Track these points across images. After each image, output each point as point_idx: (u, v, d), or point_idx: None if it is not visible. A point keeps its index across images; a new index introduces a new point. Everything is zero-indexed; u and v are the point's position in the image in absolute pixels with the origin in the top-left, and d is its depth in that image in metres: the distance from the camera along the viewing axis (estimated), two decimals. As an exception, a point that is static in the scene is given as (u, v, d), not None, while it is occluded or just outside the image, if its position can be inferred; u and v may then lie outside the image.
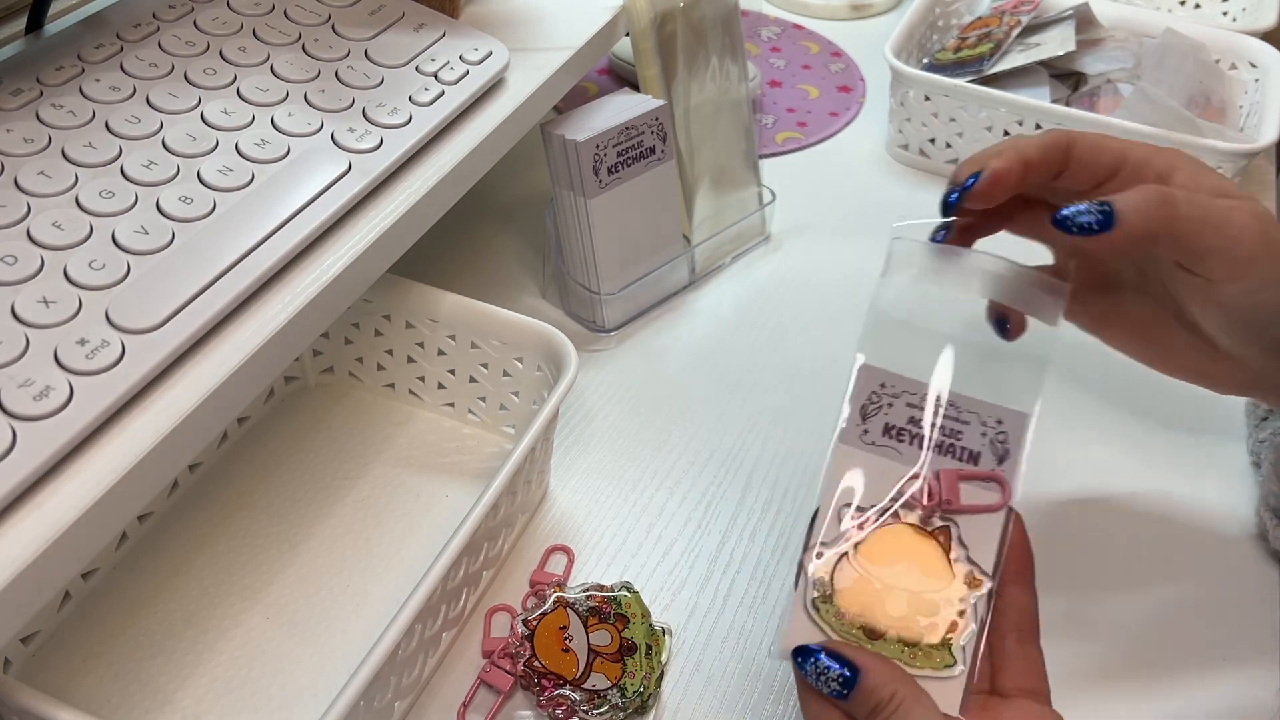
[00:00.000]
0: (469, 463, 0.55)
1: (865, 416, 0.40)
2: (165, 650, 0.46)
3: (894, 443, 0.40)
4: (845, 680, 0.36)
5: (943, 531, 0.39)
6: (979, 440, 0.40)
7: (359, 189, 0.44)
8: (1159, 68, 0.75)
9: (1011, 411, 0.40)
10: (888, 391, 0.40)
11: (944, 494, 0.39)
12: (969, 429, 0.40)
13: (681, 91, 0.64)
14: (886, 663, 0.36)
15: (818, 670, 0.36)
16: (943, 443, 0.40)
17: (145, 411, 0.36)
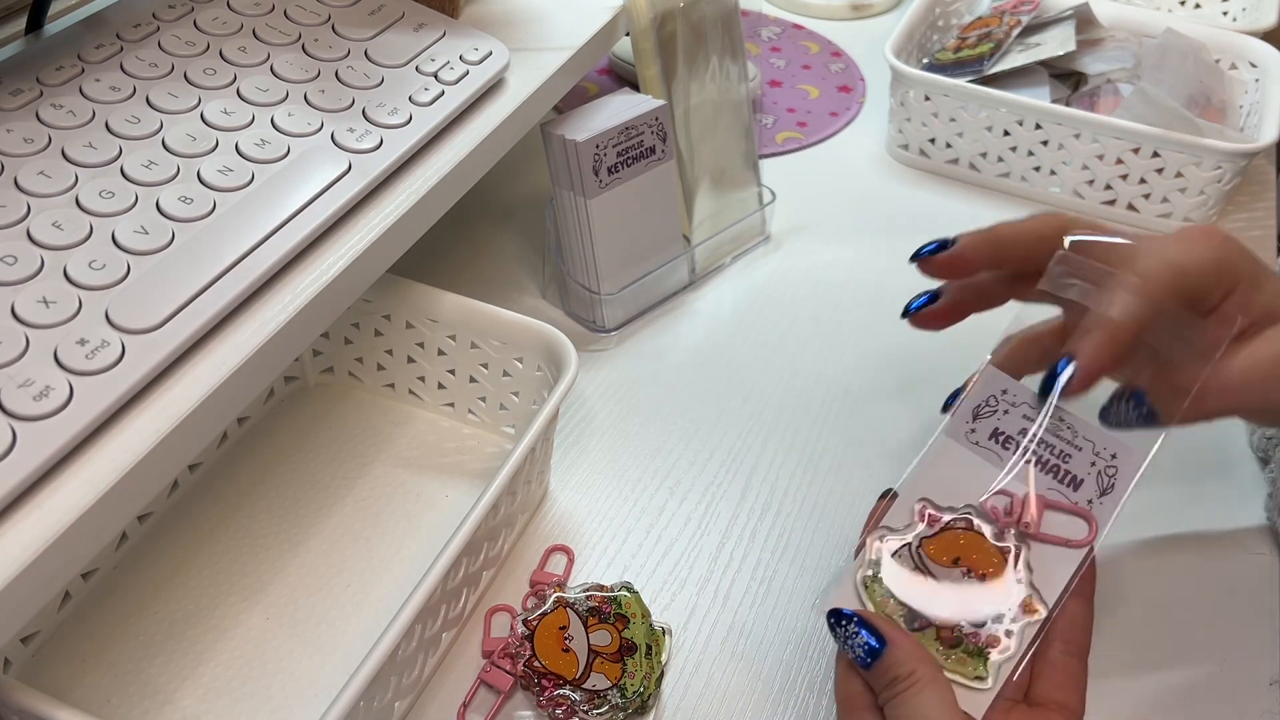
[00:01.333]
0: (469, 463, 0.55)
1: (977, 416, 0.40)
2: (165, 650, 0.46)
3: (998, 449, 0.40)
4: (871, 650, 0.36)
5: (1010, 551, 0.39)
6: (1086, 468, 0.39)
7: (359, 189, 0.44)
8: (1159, 68, 0.75)
9: (1127, 448, 0.40)
10: (1007, 399, 0.40)
11: (1023, 515, 0.39)
12: (1079, 455, 0.40)
13: (681, 91, 0.64)
14: (915, 643, 0.36)
15: (848, 634, 0.37)
16: (1049, 462, 0.39)
17: (145, 411, 0.36)
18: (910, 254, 0.43)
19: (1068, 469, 0.39)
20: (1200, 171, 0.69)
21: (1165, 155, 0.69)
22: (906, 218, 0.74)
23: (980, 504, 0.39)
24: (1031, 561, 0.38)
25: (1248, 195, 0.76)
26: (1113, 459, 0.40)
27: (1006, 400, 0.40)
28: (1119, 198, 0.73)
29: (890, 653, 0.36)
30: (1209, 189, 0.70)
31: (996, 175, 0.76)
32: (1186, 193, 0.70)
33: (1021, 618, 0.38)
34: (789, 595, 0.50)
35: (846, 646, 0.37)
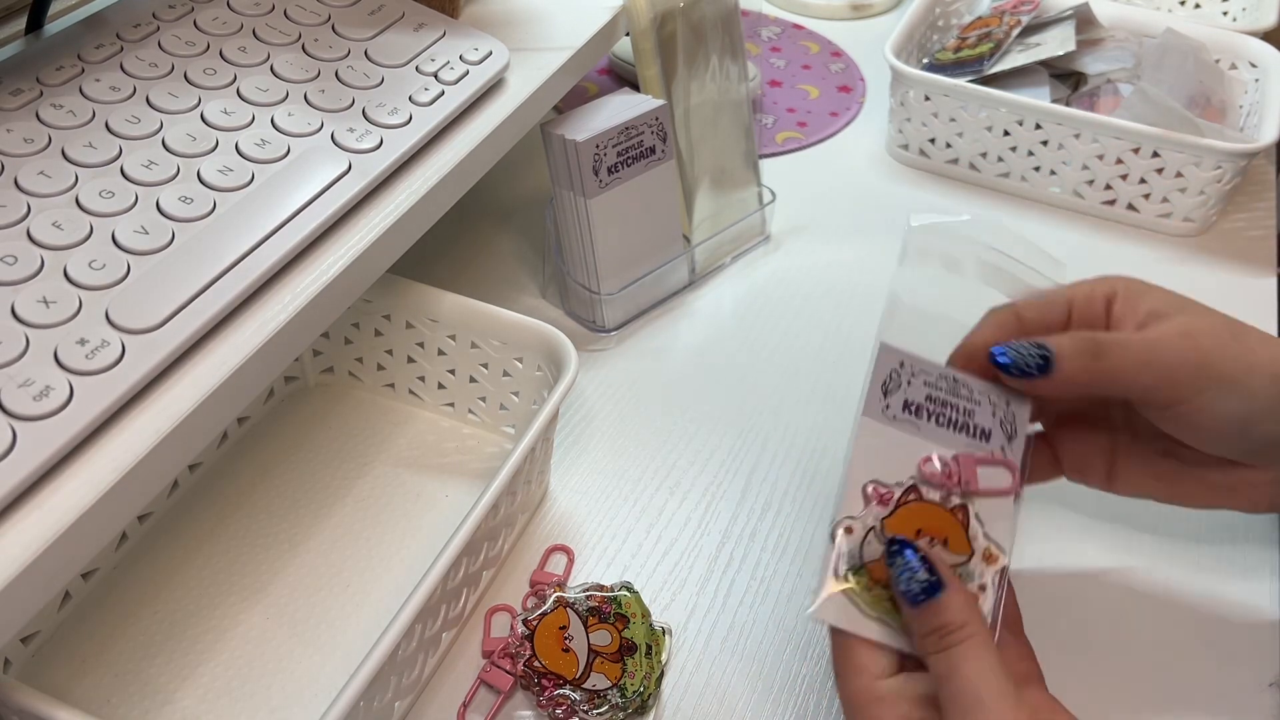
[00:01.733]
0: (469, 463, 0.55)
1: (887, 393, 0.41)
2: (165, 650, 0.46)
3: (913, 418, 0.41)
4: (929, 586, 0.36)
5: (960, 510, 0.40)
6: (990, 419, 0.42)
7: (359, 189, 0.44)
8: (1159, 68, 0.75)
9: (1017, 395, 0.42)
10: (906, 370, 0.42)
11: (963, 475, 0.41)
12: (980, 409, 0.42)
13: (681, 91, 0.64)
14: (970, 595, 0.37)
15: (905, 566, 0.37)
16: (957, 420, 0.41)
17: (145, 411, 0.36)
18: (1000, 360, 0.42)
19: (976, 423, 0.42)
20: (1200, 171, 0.69)
21: (1165, 155, 0.69)
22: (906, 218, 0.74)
23: (921, 473, 0.41)
24: (981, 516, 0.40)
25: (1248, 195, 0.76)
26: (1009, 406, 0.42)
27: (906, 372, 0.42)
28: (1119, 198, 0.73)
29: (948, 596, 0.36)
30: (1209, 189, 0.70)
31: (996, 175, 0.76)
32: (1186, 193, 0.70)
33: (987, 569, 0.39)
34: (789, 595, 0.50)
35: (902, 577, 0.36)
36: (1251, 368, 0.40)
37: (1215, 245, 0.72)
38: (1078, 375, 0.40)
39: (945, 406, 0.41)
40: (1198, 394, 0.39)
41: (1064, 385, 0.40)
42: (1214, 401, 0.39)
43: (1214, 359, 0.39)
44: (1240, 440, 0.41)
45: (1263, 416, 0.40)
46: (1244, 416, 0.40)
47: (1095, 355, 0.40)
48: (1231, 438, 0.41)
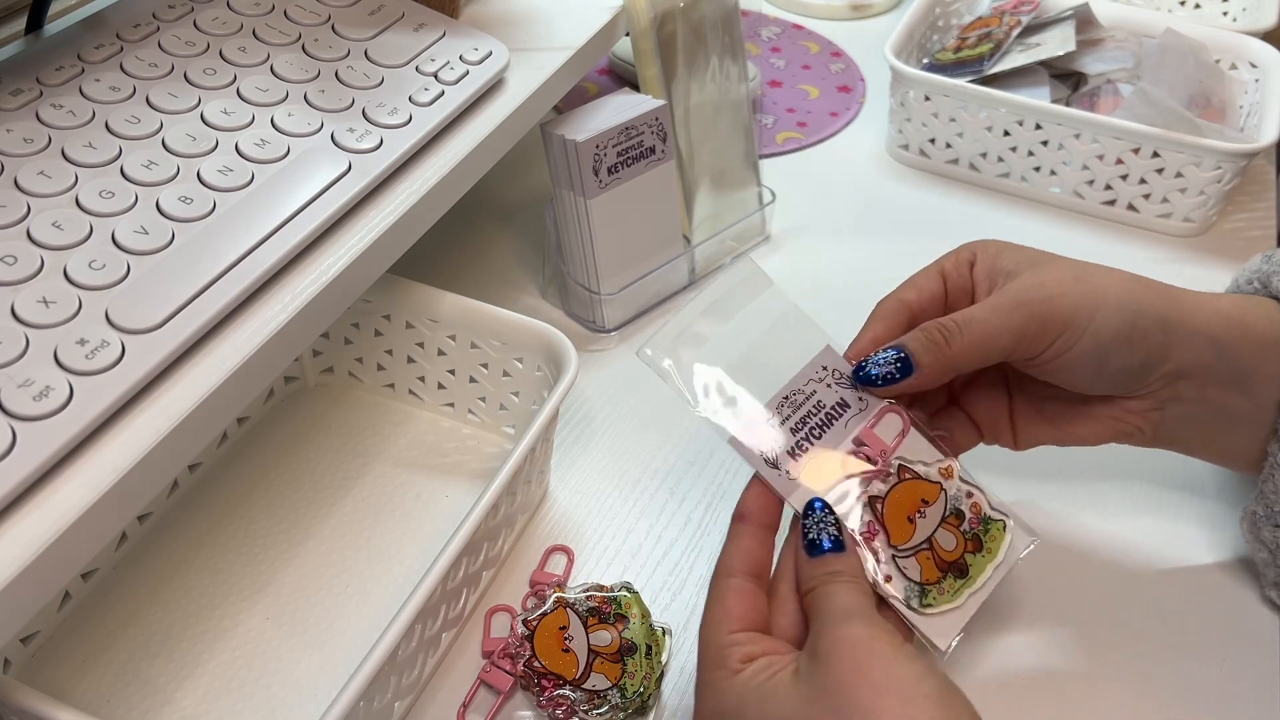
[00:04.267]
0: (469, 463, 0.55)
1: (774, 464, 0.42)
2: (165, 650, 0.46)
3: (806, 456, 0.42)
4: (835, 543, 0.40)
5: (905, 470, 0.42)
6: (831, 393, 0.43)
7: (359, 189, 0.44)
8: (1159, 68, 0.75)
9: (820, 354, 0.44)
10: (760, 435, 0.42)
11: (876, 449, 0.43)
12: (820, 391, 0.43)
13: (681, 91, 0.64)
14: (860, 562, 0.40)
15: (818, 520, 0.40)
16: (821, 420, 0.43)
17: (145, 411, 0.36)
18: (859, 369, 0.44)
19: (831, 408, 0.43)
20: (1200, 171, 0.69)
21: (1165, 155, 0.69)
22: (906, 218, 0.74)
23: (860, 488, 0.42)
24: (910, 458, 0.43)
25: (1248, 195, 0.76)
26: (825, 369, 0.44)
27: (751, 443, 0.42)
28: (1119, 198, 0.73)
29: (847, 554, 0.39)
30: (1209, 189, 0.70)
31: (996, 175, 0.76)
32: (1186, 193, 0.70)
33: (959, 483, 0.43)
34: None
35: (815, 530, 0.40)
36: (1097, 306, 0.42)
37: (1215, 245, 0.72)
38: (936, 366, 0.42)
39: (804, 423, 0.42)
40: (1049, 344, 0.42)
41: (929, 379, 0.43)
42: (1065, 346, 0.42)
43: (1058, 307, 0.42)
44: (1100, 375, 0.43)
45: (1113, 350, 0.42)
46: (1096, 354, 0.42)
47: (946, 342, 0.42)
48: (1092, 374, 0.43)
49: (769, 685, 0.36)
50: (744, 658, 0.37)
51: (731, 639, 0.38)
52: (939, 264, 0.46)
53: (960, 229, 0.73)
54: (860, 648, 0.35)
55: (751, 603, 0.39)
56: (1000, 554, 0.42)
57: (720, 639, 0.38)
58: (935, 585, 0.41)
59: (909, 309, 0.45)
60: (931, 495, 0.42)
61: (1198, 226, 0.72)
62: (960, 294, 0.46)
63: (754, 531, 0.41)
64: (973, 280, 0.45)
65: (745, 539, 0.41)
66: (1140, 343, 0.43)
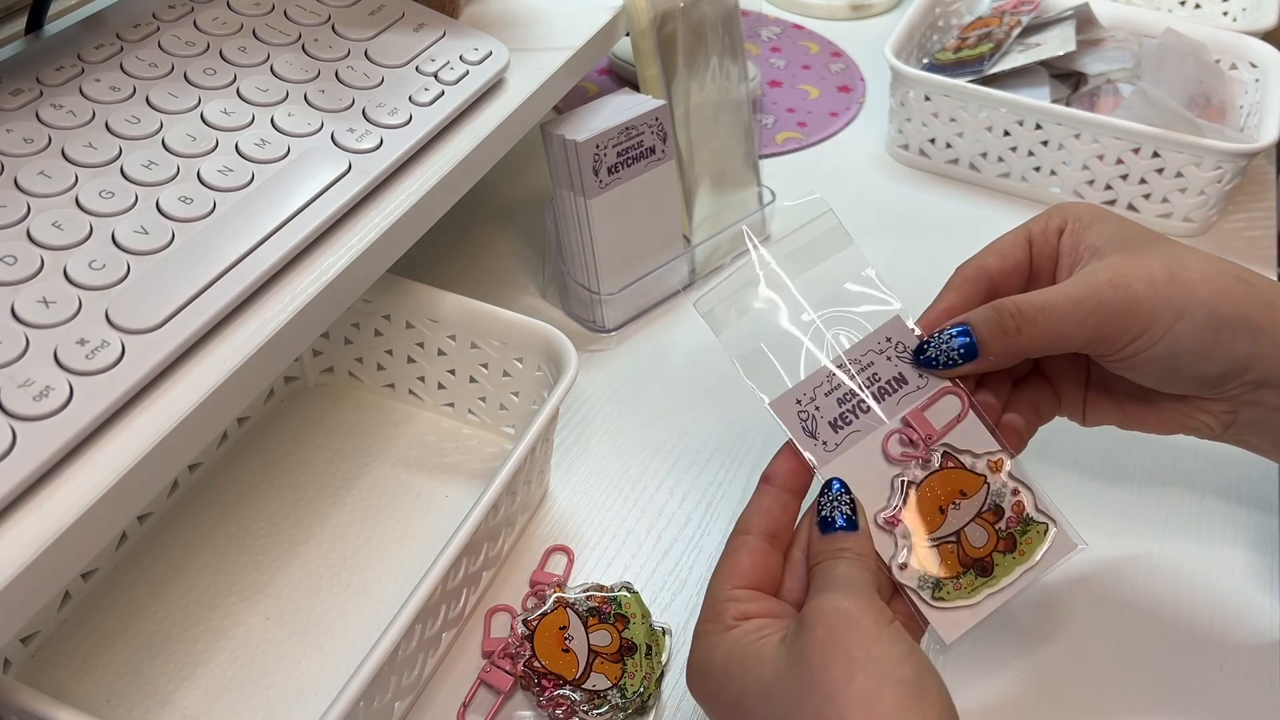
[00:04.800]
0: (469, 463, 0.55)
1: (813, 434, 0.41)
2: (165, 650, 0.46)
3: (849, 429, 0.41)
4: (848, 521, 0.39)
5: (949, 459, 0.41)
6: (890, 366, 0.42)
7: (359, 189, 0.44)
8: (1159, 68, 0.75)
9: (886, 323, 0.42)
10: (807, 403, 0.42)
11: (922, 431, 0.41)
12: (878, 363, 0.42)
13: (681, 91, 0.64)
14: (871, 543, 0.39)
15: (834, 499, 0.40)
16: (875, 392, 0.42)
17: (145, 411, 0.36)
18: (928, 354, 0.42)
19: (886, 378, 0.42)
20: (1200, 171, 0.69)
21: (1165, 155, 0.69)
22: (906, 218, 0.74)
23: (891, 458, 0.41)
24: (960, 446, 0.41)
25: (1248, 195, 0.76)
26: (889, 341, 0.42)
27: (809, 404, 0.41)
28: (1119, 198, 0.73)
29: (859, 534, 0.39)
30: (1209, 189, 0.70)
31: (997, 175, 0.76)
32: (1186, 193, 0.70)
33: (1006, 478, 0.41)
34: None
35: (829, 507, 0.39)
36: (1182, 311, 0.39)
37: (1215, 245, 0.72)
38: (1004, 353, 0.41)
39: (853, 395, 0.41)
40: (1126, 344, 0.40)
41: (995, 365, 0.41)
42: (1137, 350, 0.40)
43: (1142, 308, 0.39)
44: (1172, 380, 0.41)
45: (1189, 360, 0.40)
46: (1168, 361, 0.40)
47: (1017, 330, 0.40)
48: (1162, 378, 0.41)
49: (756, 646, 0.36)
50: (739, 614, 0.37)
51: (731, 594, 0.38)
52: (1026, 228, 0.44)
53: (960, 229, 0.73)
54: (842, 618, 0.34)
55: (762, 561, 0.39)
56: (1034, 557, 0.41)
57: (721, 592, 0.38)
58: (952, 580, 0.40)
59: (989, 277, 0.43)
60: (972, 487, 0.41)
61: (1198, 226, 0.72)
62: (1045, 262, 0.43)
63: (778, 495, 0.40)
64: (1058, 250, 0.43)
65: (768, 500, 0.40)
66: (1220, 355, 0.40)
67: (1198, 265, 0.41)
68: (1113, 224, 0.42)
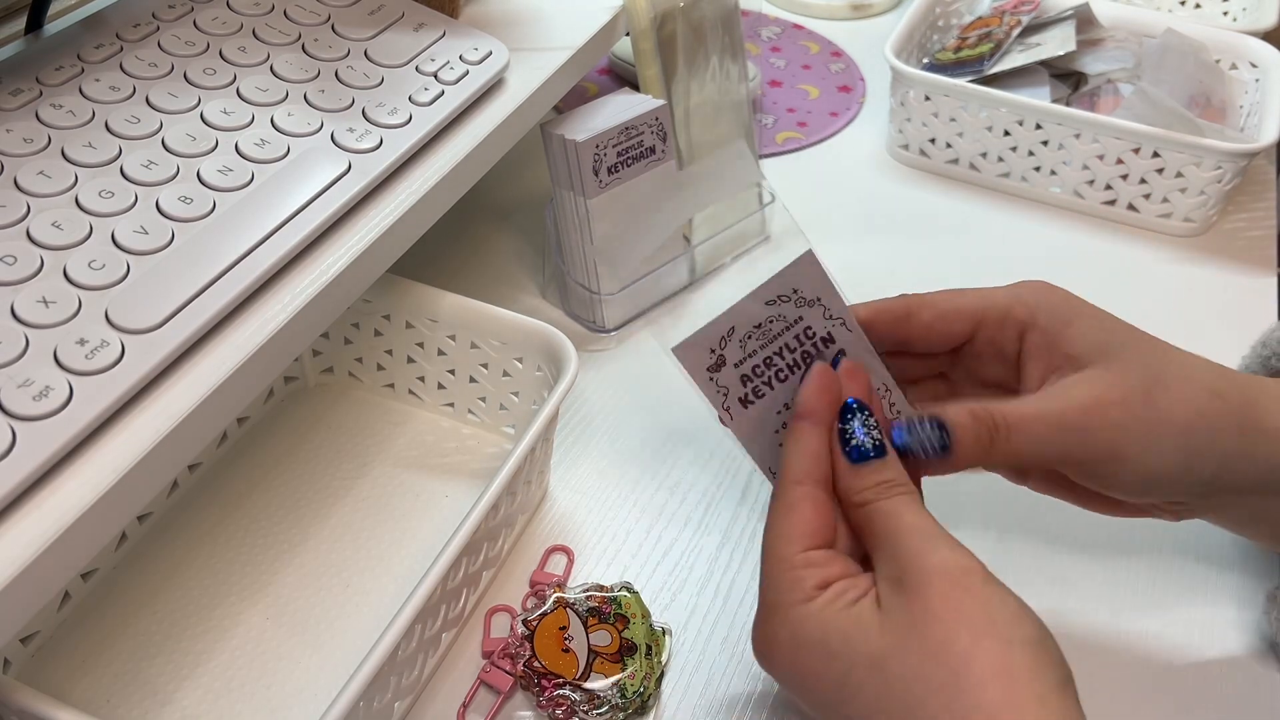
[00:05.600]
0: (469, 463, 0.55)
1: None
2: (165, 650, 0.46)
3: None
4: (877, 446, 0.37)
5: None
6: (820, 321, 0.42)
7: (359, 189, 0.44)
8: (1159, 68, 0.75)
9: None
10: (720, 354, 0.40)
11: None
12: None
13: (681, 91, 0.64)
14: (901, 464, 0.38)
15: (858, 426, 0.38)
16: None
17: (145, 411, 0.36)
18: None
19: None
20: (1200, 171, 0.69)
21: (1165, 155, 0.69)
22: (906, 218, 0.74)
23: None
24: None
25: (1248, 195, 0.76)
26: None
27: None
28: (1119, 198, 0.73)
29: (892, 457, 0.37)
30: (1209, 189, 0.70)
31: (997, 175, 0.76)
32: (1186, 193, 0.70)
33: None
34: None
35: (857, 435, 0.37)
36: (1161, 434, 0.38)
37: (1215, 245, 0.72)
38: (976, 458, 0.39)
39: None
40: (1102, 466, 0.39)
41: (960, 466, 0.39)
42: (1118, 471, 0.39)
43: (1121, 437, 0.38)
44: (1148, 495, 0.41)
45: (1160, 481, 0.39)
46: (1141, 483, 0.39)
47: (993, 440, 0.38)
48: (1139, 494, 0.40)
49: (851, 615, 0.33)
50: (821, 581, 0.35)
51: (805, 558, 0.35)
52: (978, 304, 0.41)
53: (960, 229, 0.73)
54: (954, 582, 0.32)
55: (826, 516, 0.36)
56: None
57: (792, 556, 0.35)
58: None
59: (909, 327, 0.42)
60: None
61: (1198, 226, 0.72)
62: (991, 356, 0.41)
63: (822, 435, 0.37)
64: (1023, 350, 0.41)
65: (812, 440, 0.37)
66: (1190, 477, 0.39)
67: (1176, 382, 0.39)
68: (1091, 325, 0.40)
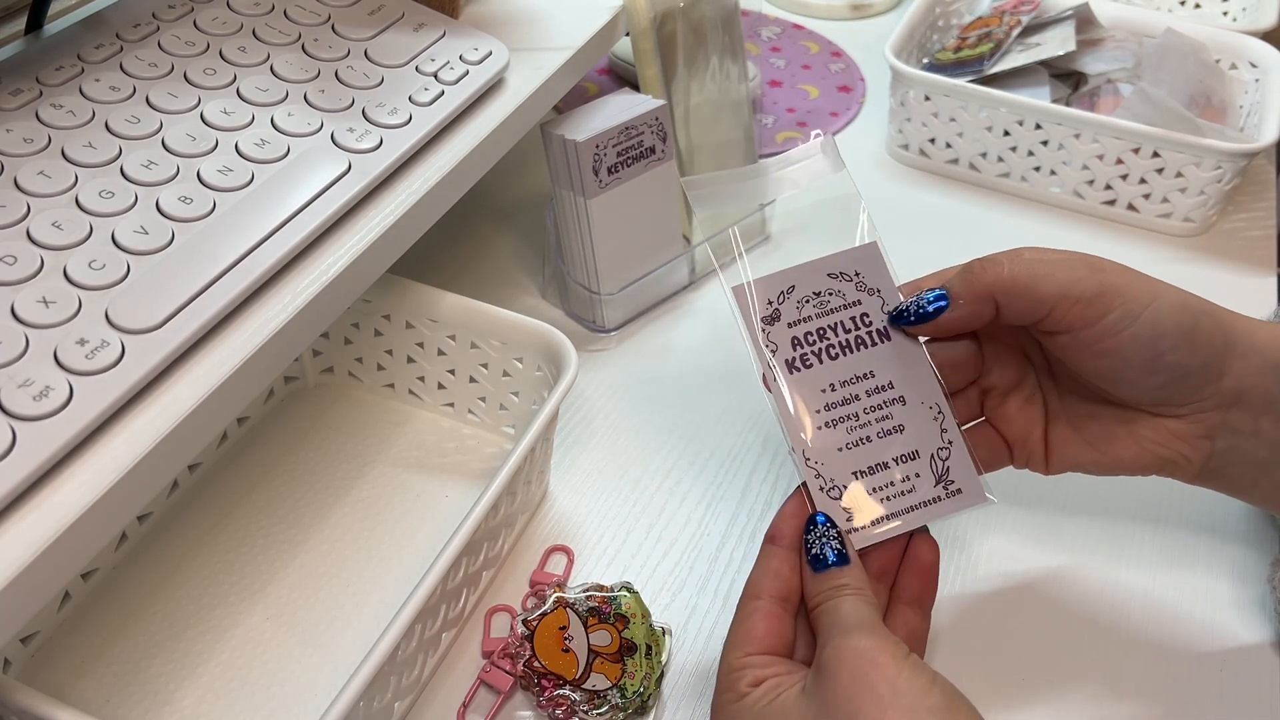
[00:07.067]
0: (469, 463, 0.55)
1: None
2: (165, 650, 0.46)
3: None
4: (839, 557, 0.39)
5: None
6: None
7: (359, 189, 0.44)
8: (1159, 68, 0.75)
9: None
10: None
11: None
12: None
13: (681, 91, 0.64)
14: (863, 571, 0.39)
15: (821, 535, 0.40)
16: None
17: (145, 411, 0.36)
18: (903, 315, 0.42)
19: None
20: (1200, 171, 0.69)
21: (1165, 155, 0.69)
22: (906, 218, 0.74)
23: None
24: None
25: (1248, 195, 0.76)
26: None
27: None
28: (1119, 198, 0.73)
29: (851, 567, 0.39)
30: (1209, 189, 0.70)
31: (997, 175, 0.76)
32: (1186, 193, 0.70)
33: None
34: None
35: (819, 544, 0.39)
36: (1156, 295, 0.40)
37: (1215, 245, 0.72)
38: (971, 292, 0.40)
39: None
40: (1103, 316, 0.39)
41: (963, 317, 0.41)
42: (1120, 324, 0.39)
43: (1118, 284, 0.39)
44: (1154, 371, 0.40)
45: (1170, 344, 0.39)
46: (1152, 341, 0.39)
47: (982, 268, 0.40)
48: (1144, 367, 0.40)
49: (775, 705, 0.36)
50: (754, 681, 0.37)
51: (744, 661, 0.38)
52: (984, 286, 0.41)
53: (960, 229, 0.73)
54: (863, 659, 0.35)
55: (775, 626, 0.39)
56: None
57: (733, 661, 0.38)
58: None
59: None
60: None
61: (1198, 226, 0.72)
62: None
63: (785, 555, 0.40)
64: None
65: (775, 561, 0.40)
66: (1201, 343, 0.40)
67: (1165, 287, 0.41)
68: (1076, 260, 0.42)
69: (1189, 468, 0.42)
